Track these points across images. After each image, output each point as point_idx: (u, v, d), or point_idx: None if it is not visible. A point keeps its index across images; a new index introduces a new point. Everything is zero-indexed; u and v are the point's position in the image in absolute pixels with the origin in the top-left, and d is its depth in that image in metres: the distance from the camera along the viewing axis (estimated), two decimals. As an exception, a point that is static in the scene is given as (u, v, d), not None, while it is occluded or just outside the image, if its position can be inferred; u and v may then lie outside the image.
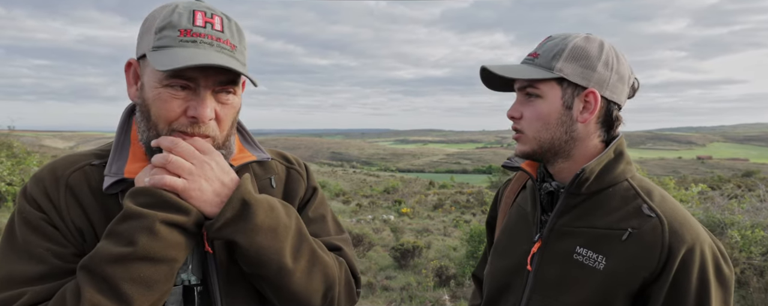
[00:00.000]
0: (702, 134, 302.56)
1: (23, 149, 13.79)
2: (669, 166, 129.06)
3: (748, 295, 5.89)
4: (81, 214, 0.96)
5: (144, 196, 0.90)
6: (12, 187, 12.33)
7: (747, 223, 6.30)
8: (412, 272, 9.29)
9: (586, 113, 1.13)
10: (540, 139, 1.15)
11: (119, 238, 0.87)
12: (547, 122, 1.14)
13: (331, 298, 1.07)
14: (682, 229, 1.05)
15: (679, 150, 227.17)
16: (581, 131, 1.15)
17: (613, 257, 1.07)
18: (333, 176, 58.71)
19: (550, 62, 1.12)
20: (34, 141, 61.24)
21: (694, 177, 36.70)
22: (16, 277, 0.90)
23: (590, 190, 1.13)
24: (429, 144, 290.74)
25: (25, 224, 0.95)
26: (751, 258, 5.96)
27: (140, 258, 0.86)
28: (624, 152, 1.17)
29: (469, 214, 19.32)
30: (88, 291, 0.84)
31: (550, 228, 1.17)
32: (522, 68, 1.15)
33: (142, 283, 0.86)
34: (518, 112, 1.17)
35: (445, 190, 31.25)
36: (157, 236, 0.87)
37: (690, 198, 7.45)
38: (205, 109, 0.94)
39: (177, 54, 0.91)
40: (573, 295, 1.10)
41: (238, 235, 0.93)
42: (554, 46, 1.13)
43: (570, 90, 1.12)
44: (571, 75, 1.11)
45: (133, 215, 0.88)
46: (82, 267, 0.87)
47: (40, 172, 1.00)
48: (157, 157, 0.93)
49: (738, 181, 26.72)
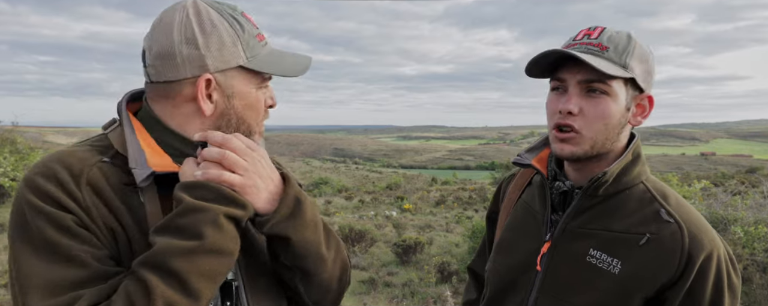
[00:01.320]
0: (706, 130, 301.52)
1: (27, 145, 13.84)
2: (672, 163, 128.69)
3: (751, 292, 5.88)
4: (108, 213, 0.93)
5: (202, 189, 0.90)
6: (15, 182, 12.37)
7: (750, 219, 6.29)
8: (414, 268, 9.30)
9: (640, 117, 1.12)
10: (596, 140, 1.07)
11: (184, 232, 0.86)
12: (608, 123, 1.07)
13: (345, 282, 1.13)
14: (701, 235, 1.05)
15: (682, 146, 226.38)
16: (624, 134, 1.12)
17: (629, 261, 1.06)
18: (335, 172, 58.63)
19: (623, 59, 1.05)
20: (38, 137, 61.43)
21: (698, 173, 36.62)
22: (60, 282, 0.84)
23: (607, 192, 1.11)
24: (432, 140, 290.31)
25: (52, 226, 0.87)
26: (754, 254, 5.95)
27: (207, 251, 0.87)
28: (640, 154, 1.15)
29: (471, 210, 19.32)
30: (159, 287, 0.82)
31: (563, 229, 1.15)
32: (595, 60, 1.03)
33: (208, 276, 0.87)
34: (578, 108, 1.06)
35: (448, 187, 31.25)
36: (222, 229, 0.89)
37: (693, 194, 7.43)
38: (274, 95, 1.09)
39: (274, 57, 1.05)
40: (583, 296, 1.09)
41: (290, 230, 0.98)
42: (620, 41, 1.06)
43: (631, 91, 1.08)
44: (639, 76, 1.07)
45: (196, 208, 0.88)
46: (145, 263, 0.85)
47: (47, 168, 0.92)
48: (211, 152, 0.94)
49: (741, 178, 26.63)
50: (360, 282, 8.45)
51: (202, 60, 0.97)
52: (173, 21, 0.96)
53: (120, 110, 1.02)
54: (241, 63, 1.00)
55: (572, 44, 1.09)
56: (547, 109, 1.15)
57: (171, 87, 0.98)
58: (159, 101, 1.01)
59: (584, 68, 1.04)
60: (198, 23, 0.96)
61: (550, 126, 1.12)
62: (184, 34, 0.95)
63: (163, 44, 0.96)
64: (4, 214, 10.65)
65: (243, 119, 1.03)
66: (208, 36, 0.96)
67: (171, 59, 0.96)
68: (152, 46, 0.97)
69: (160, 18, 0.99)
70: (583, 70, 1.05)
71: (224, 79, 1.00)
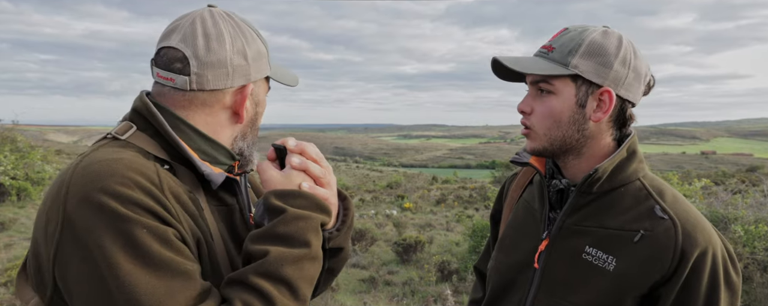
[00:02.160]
0: (706, 129, 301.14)
1: (27, 143, 13.84)
2: (673, 161, 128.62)
3: (752, 291, 5.88)
4: (193, 223, 0.91)
5: (300, 198, 0.95)
6: (16, 181, 12.37)
7: (750, 218, 6.28)
8: (414, 267, 9.30)
9: (599, 112, 1.10)
10: (550, 136, 1.12)
11: (292, 240, 0.90)
12: (558, 120, 1.10)
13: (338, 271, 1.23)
14: (696, 231, 1.04)
15: (683, 145, 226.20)
16: (593, 130, 1.11)
17: (623, 259, 1.06)
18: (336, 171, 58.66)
19: (566, 57, 1.07)
20: (38, 135, 61.43)
21: (698, 172, 36.60)
22: (179, 297, 0.79)
23: (602, 189, 1.12)
24: (432, 139, 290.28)
25: (156, 239, 0.81)
26: (755, 253, 5.95)
27: (312, 258, 0.91)
28: (637, 151, 1.14)
29: (471, 209, 19.32)
30: (276, 296, 0.84)
31: (559, 226, 1.16)
32: (535, 62, 1.10)
33: (311, 282, 0.91)
34: (529, 107, 1.13)
35: (448, 185, 31.24)
36: (319, 236, 0.95)
37: (693, 193, 7.42)
38: None
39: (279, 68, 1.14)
40: (580, 294, 1.09)
41: (345, 241, 1.08)
42: (570, 40, 1.09)
43: (584, 87, 1.08)
44: (587, 72, 1.06)
45: (300, 217, 0.92)
46: (259, 272, 0.85)
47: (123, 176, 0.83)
48: (296, 160, 0.99)
49: (742, 176, 26.61)
50: (360, 281, 8.46)
51: (248, 70, 1.01)
52: (222, 32, 0.98)
53: (152, 114, 0.96)
54: (269, 73, 1.07)
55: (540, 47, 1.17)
56: None
57: (214, 95, 1.00)
58: (192, 108, 1.00)
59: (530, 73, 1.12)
60: (242, 34, 1.01)
61: None
62: (235, 45, 0.99)
63: (216, 54, 0.96)
64: (5, 214, 10.66)
65: (256, 125, 1.11)
66: (251, 46, 1.02)
67: (222, 68, 0.97)
68: (200, 54, 0.95)
69: (202, 27, 0.97)
70: (531, 74, 1.12)
71: (256, 88, 1.06)
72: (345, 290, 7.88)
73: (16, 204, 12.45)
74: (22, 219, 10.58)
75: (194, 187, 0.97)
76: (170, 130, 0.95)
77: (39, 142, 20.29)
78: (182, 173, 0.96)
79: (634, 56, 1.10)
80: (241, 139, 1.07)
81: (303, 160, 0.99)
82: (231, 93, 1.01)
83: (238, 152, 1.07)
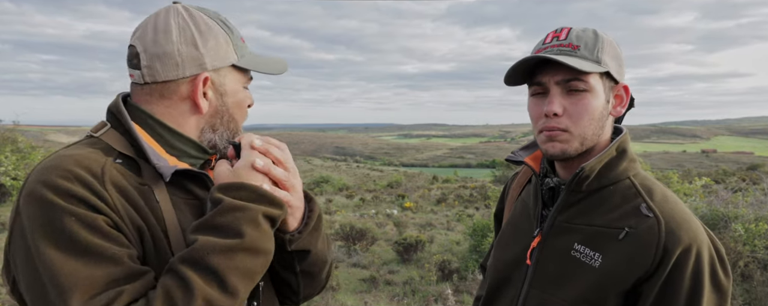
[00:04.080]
0: (707, 128, 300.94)
1: (28, 144, 13.86)
2: (673, 160, 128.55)
3: (752, 289, 5.88)
4: (134, 212, 0.93)
5: (242, 190, 0.94)
6: (17, 181, 12.39)
7: (751, 216, 6.28)
8: (415, 266, 9.31)
9: (619, 107, 1.16)
10: (584, 135, 1.10)
11: (224, 230, 0.89)
12: (593, 117, 1.09)
13: (328, 275, 1.21)
14: (680, 229, 1.04)
15: (683, 143, 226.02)
16: (607, 126, 1.15)
17: (609, 255, 1.07)
18: (336, 171, 58.67)
19: (595, 54, 1.08)
20: (39, 136, 61.47)
21: (699, 170, 36.54)
22: (100, 280, 0.83)
23: (591, 187, 1.13)
24: (433, 138, 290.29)
25: (86, 228, 0.85)
26: (755, 251, 5.94)
27: (246, 249, 0.89)
28: (627, 149, 1.15)
29: (472, 208, 19.33)
30: (198, 283, 0.84)
31: (551, 223, 1.18)
32: (571, 59, 1.06)
33: (246, 274, 0.89)
34: (561, 108, 1.08)
35: (449, 185, 31.25)
36: (260, 228, 0.92)
37: (694, 191, 7.43)
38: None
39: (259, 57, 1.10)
40: (569, 290, 1.10)
41: (312, 244, 1.07)
42: (589, 38, 1.10)
43: (608, 84, 1.12)
44: (613, 69, 1.11)
45: (236, 207, 0.91)
46: (184, 260, 0.86)
47: (65, 170, 0.89)
48: (259, 162, 0.98)
49: (742, 175, 26.59)
50: (361, 280, 8.47)
51: (201, 59, 1.02)
52: (170, 24, 1.00)
53: (119, 111, 1.02)
54: (234, 61, 1.06)
55: (543, 48, 1.12)
56: (530, 115, 1.17)
57: (168, 86, 1.02)
58: (152, 102, 1.03)
59: (561, 69, 1.07)
60: (195, 25, 1.02)
61: (537, 130, 1.15)
62: (183, 36, 1.00)
63: (162, 46, 0.99)
64: (6, 214, 10.67)
65: (232, 117, 1.08)
66: (205, 36, 1.02)
67: (170, 59, 0.99)
68: (148, 48, 1.00)
69: (153, 22, 1.02)
70: (561, 70, 1.07)
71: (218, 78, 1.05)
72: (346, 290, 7.89)
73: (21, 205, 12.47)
74: (23, 219, 10.58)
75: (153, 180, 0.97)
76: (131, 125, 0.99)
77: (40, 143, 20.30)
78: (144, 167, 0.98)
79: (622, 53, 1.17)
80: (209, 130, 1.07)
81: (266, 162, 0.99)
82: (185, 83, 1.02)
83: (208, 145, 1.07)
